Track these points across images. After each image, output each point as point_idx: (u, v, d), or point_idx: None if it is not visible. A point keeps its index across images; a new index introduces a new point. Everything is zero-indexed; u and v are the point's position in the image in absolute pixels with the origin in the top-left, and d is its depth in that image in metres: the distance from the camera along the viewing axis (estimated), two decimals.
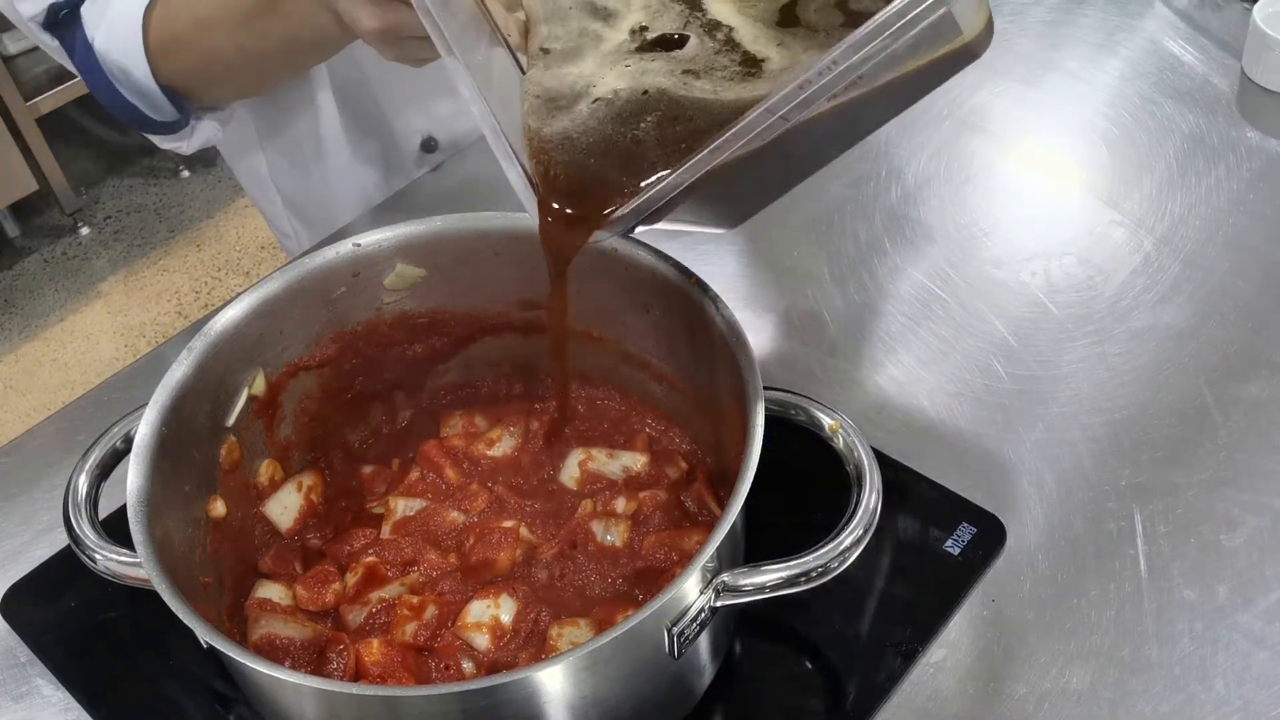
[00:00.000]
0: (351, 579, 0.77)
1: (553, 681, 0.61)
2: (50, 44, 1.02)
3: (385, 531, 0.81)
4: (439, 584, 0.77)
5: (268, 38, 0.91)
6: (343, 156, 1.22)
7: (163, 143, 1.06)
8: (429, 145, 1.25)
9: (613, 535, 0.76)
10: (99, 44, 0.97)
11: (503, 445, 0.86)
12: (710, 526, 0.76)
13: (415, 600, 0.75)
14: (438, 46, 0.68)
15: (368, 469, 0.87)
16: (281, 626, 0.74)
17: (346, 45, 0.95)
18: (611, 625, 0.64)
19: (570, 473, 0.83)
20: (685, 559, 0.75)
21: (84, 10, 0.98)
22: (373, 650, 0.72)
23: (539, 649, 0.72)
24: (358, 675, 0.71)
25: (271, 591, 0.78)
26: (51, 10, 0.98)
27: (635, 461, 0.83)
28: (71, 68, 1.02)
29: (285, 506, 0.83)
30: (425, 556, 0.78)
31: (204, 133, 1.07)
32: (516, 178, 0.67)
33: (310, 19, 0.87)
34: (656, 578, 0.75)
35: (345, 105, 1.19)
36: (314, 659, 0.73)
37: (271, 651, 0.73)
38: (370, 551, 0.79)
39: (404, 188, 1.23)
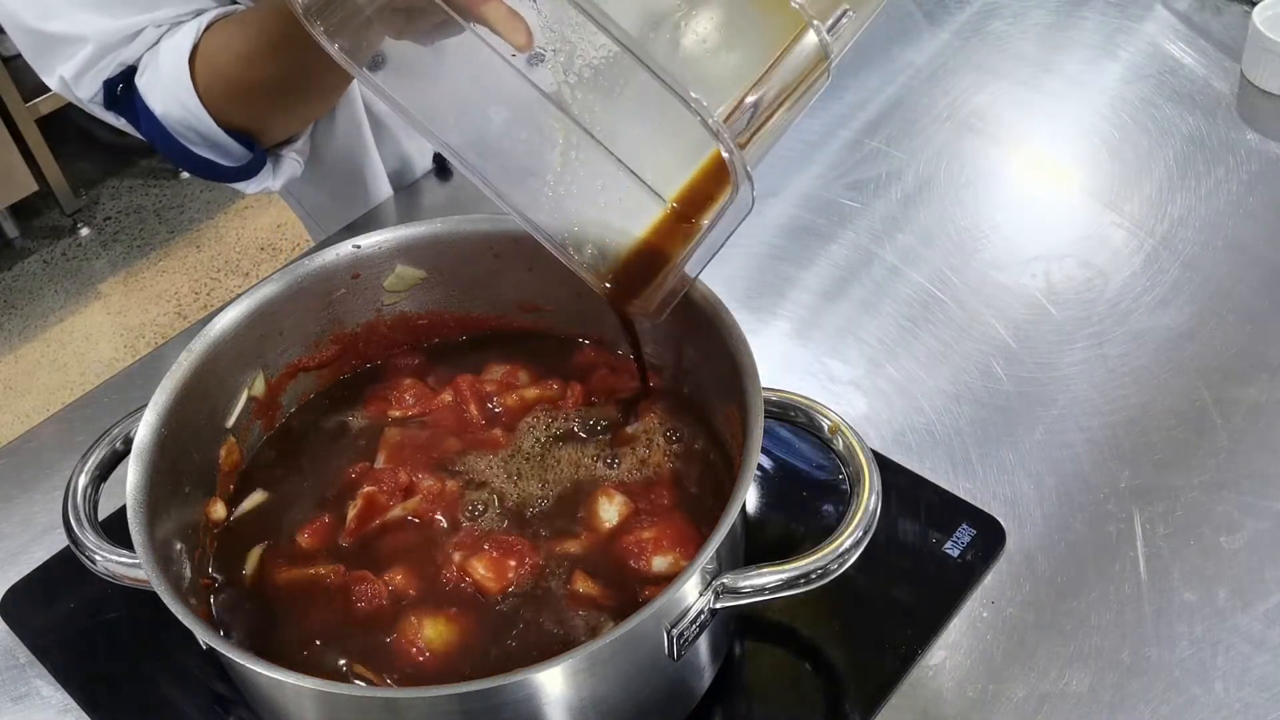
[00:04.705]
0: (351, 512, 0.76)
1: (552, 683, 0.61)
2: (116, 122, 1.02)
3: (379, 461, 0.80)
4: (442, 505, 0.77)
5: (301, 53, 0.90)
6: (357, 178, 1.22)
7: (248, 188, 1.06)
8: (441, 164, 1.25)
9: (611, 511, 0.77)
10: (159, 109, 0.98)
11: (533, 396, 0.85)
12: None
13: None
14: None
15: (407, 381, 0.86)
16: (294, 577, 0.74)
17: None
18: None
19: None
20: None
21: (140, 83, 0.98)
22: (400, 577, 0.73)
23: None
24: (397, 607, 0.72)
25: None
26: (108, 87, 0.98)
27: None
28: (142, 137, 1.02)
29: None
30: (422, 484, 0.78)
31: (287, 168, 1.08)
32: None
33: None
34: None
35: (358, 129, 1.19)
36: (340, 601, 0.72)
37: (295, 605, 0.73)
38: (364, 482, 0.78)
39: (406, 190, 1.23)
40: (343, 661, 0.69)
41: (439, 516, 0.76)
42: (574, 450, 0.80)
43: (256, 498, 0.81)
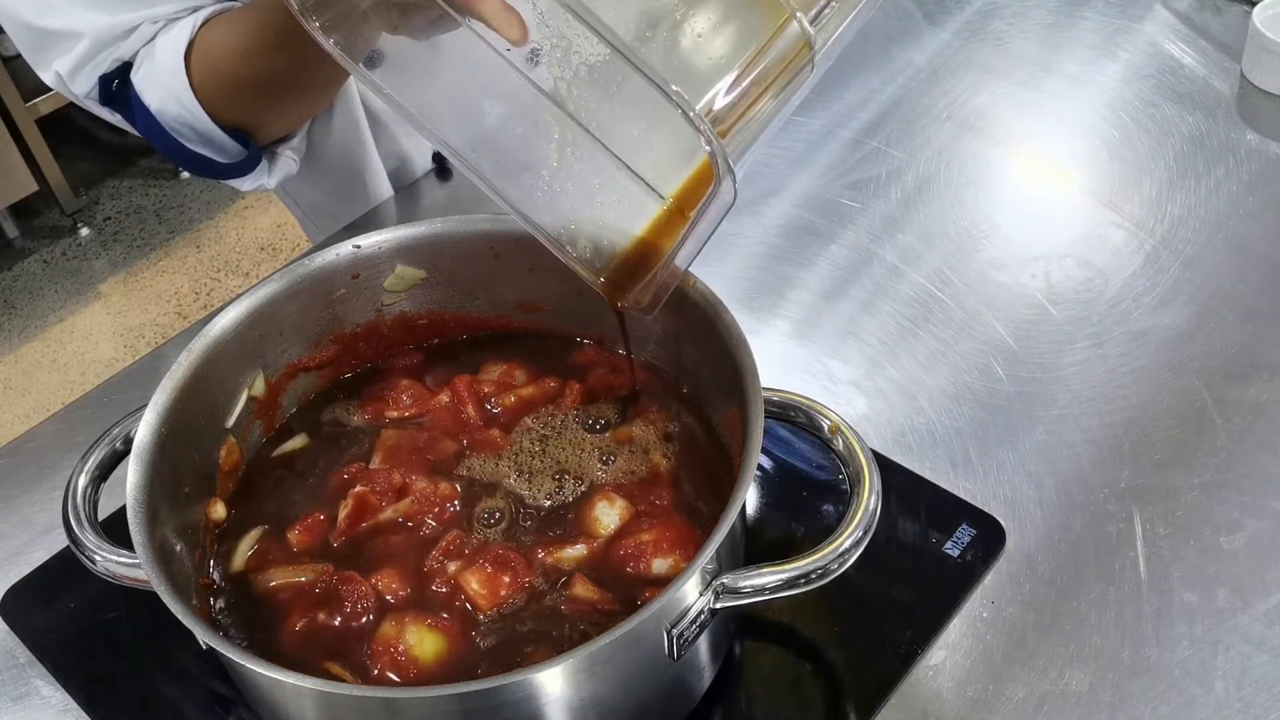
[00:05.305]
0: (343, 512, 0.76)
1: (552, 683, 0.61)
2: (111, 118, 1.02)
3: (375, 461, 0.80)
4: (433, 509, 0.77)
5: (297, 50, 0.90)
6: (355, 177, 1.22)
7: (243, 184, 1.06)
8: (441, 164, 1.25)
9: (611, 515, 0.77)
10: (155, 105, 0.98)
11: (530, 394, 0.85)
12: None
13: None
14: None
15: (404, 382, 0.86)
16: (281, 574, 0.74)
17: None
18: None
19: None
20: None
21: (135, 78, 0.98)
22: (387, 580, 0.72)
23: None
24: (381, 611, 0.71)
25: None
26: (104, 82, 0.99)
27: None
28: (138, 133, 1.02)
29: None
30: (415, 485, 0.78)
31: (283, 166, 1.08)
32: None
33: None
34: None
35: (356, 127, 1.19)
36: (327, 603, 0.72)
37: (280, 603, 0.73)
38: (358, 482, 0.78)
39: (406, 190, 1.23)
40: (324, 663, 0.69)
41: (430, 519, 0.76)
42: (573, 451, 0.80)
43: (299, 440, 0.82)
